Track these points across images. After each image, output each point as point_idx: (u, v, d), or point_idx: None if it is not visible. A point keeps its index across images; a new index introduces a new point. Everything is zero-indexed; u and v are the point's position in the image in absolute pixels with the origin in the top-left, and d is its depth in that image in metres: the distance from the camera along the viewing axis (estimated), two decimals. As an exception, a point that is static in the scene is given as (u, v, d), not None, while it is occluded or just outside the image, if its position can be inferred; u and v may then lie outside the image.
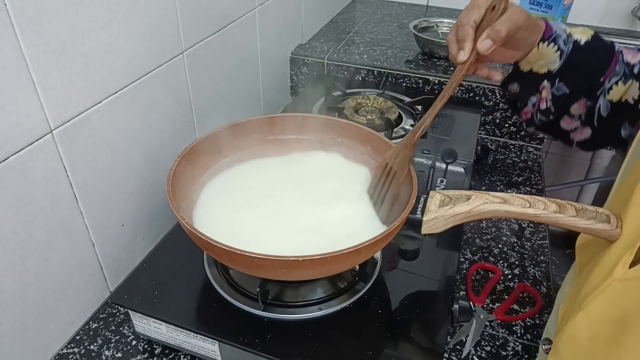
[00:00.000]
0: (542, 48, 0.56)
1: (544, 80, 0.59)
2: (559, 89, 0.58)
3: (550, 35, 0.56)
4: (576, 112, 0.59)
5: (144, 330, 0.58)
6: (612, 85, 0.57)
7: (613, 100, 0.57)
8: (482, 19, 0.53)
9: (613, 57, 0.57)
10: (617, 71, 0.57)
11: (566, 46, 0.56)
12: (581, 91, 0.58)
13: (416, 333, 0.55)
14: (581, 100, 0.58)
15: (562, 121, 0.61)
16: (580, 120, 0.60)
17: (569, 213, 0.47)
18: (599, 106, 0.58)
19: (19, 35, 0.45)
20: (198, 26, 0.73)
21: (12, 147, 0.47)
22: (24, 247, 0.51)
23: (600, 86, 0.57)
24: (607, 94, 0.57)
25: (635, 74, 0.56)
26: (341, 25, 1.33)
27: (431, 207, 0.52)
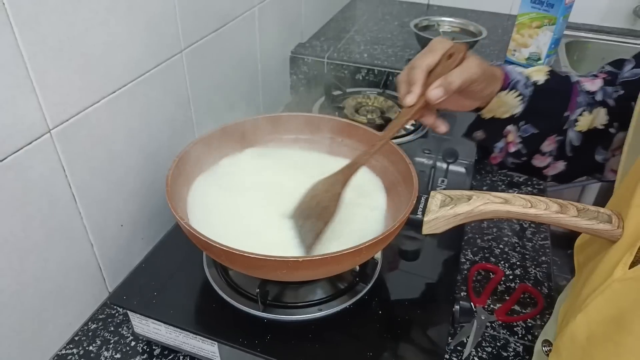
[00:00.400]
0: (502, 96, 0.56)
1: (509, 125, 0.58)
2: (525, 130, 0.58)
3: (509, 83, 0.56)
4: (547, 149, 0.59)
5: (143, 331, 0.58)
6: (576, 117, 0.57)
7: (582, 130, 0.57)
8: (437, 65, 0.51)
9: (572, 90, 0.57)
10: (580, 102, 0.57)
11: (527, 89, 0.56)
12: (549, 129, 0.58)
13: (417, 334, 0.55)
14: (551, 137, 0.58)
15: (534, 160, 0.61)
16: (552, 156, 0.60)
17: (571, 213, 0.47)
18: (569, 139, 0.58)
19: (16, 34, 0.45)
20: (197, 25, 0.73)
21: (9, 147, 0.47)
22: (21, 247, 0.51)
23: (566, 120, 0.57)
24: (574, 126, 0.57)
25: (598, 101, 0.57)
26: (341, 24, 1.32)
27: (432, 207, 0.52)
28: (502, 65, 0.57)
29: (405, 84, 0.52)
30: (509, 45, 1.13)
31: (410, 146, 0.86)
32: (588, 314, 0.41)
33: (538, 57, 1.08)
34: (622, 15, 1.38)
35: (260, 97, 1.01)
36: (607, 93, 0.57)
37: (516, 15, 1.09)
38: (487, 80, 0.53)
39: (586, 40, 1.37)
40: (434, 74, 0.51)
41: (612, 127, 0.57)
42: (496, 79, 0.55)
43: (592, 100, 0.57)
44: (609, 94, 0.57)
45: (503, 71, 0.56)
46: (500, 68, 0.56)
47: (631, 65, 0.56)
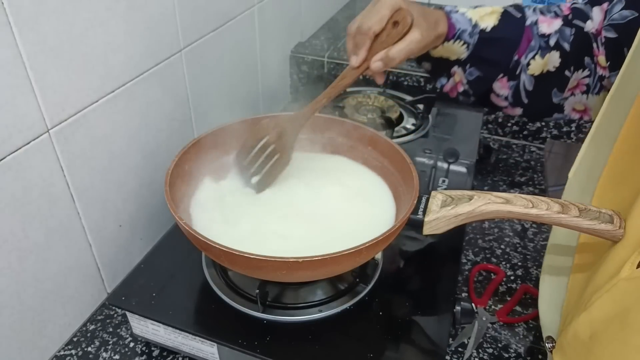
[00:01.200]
0: (448, 45, 0.57)
1: (454, 66, 0.59)
2: (471, 73, 0.58)
3: (454, 34, 0.56)
4: (501, 92, 0.59)
5: (142, 332, 0.58)
6: (529, 60, 0.57)
7: (534, 74, 0.57)
8: (383, 31, 0.53)
9: (523, 35, 0.56)
10: (532, 46, 0.56)
11: (472, 38, 0.57)
12: (495, 73, 0.58)
13: (417, 335, 0.55)
14: (503, 79, 0.58)
15: (492, 97, 0.61)
16: (507, 101, 0.60)
17: (572, 213, 0.46)
18: (523, 83, 0.58)
19: (16, 34, 0.45)
20: (196, 24, 0.72)
21: (8, 147, 0.47)
22: (20, 247, 0.51)
23: (518, 64, 0.57)
24: (526, 70, 0.57)
25: (551, 46, 0.56)
26: (341, 23, 1.32)
27: (433, 207, 0.51)
28: (449, 13, 0.57)
29: (352, 43, 0.55)
30: (509, 45, 1.12)
31: (411, 146, 0.86)
32: (591, 312, 0.41)
33: (539, 57, 1.08)
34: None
35: (260, 96, 1.00)
36: (564, 35, 0.56)
37: (517, 14, 1.08)
38: (429, 46, 0.55)
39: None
40: (378, 40, 0.53)
41: (567, 69, 0.57)
42: (440, 37, 0.56)
43: (546, 44, 0.56)
44: (565, 36, 0.56)
45: (449, 22, 0.56)
46: (445, 19, 0.56)
47: (620, 6, 0.54)
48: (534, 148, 1.01)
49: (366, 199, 0.62)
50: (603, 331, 0.40)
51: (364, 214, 0.60)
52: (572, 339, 0.43)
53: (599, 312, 0.40)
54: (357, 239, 0.47)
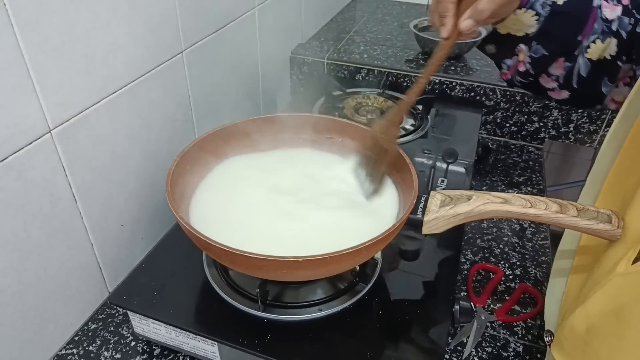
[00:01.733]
0: (520, 14, 0.55)
1: (521, 43, 0.58)
2: (536, 51, 0.57)
3: (528, 2, 0.55)
4: (555, 72, 0.59)
5: (143, 331, 0.58)
6: (589, 43, 0.56)
7: (592, 58, 0.56)
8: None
9: (590, 15, 0.56)
10: (596, 29, 0.56)
11: (544, 9, 0.55)
12: (559, 52, 0.57)
13: (417, 334, 0.55)
14: (559, 60, 0.57)
15: (541, 79, 0.60)
16: (558, 82, 0.59)
17: (571, 213, 0.47)
18: (578, 67, 0.57)
19: (18, 35, 0.45)
20: (198, 25, 0.73)
21: (10, 147, 0.47)
22: (22, 247, 0.51)
23: (578, 45, 0.56)
24: (585, 53, 0.56)
25: (613, 31, 0.56)
26: (341, 25, 1.32)
27: (432, 207, 0.52)
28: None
29: (436, 15, 0.53)
30: (508, 46, 1.12)
31: (410, 146, 0.87)
32: (587, 307, 0.42)
33: (538, 58, 1.08)
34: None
35: (261, 97, 1.01)
36: (623, 24, 0.56)
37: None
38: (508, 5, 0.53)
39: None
40: (462, 4, 0.52)
41: (619, 59, 0.56)
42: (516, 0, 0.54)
43: (608, 29, 0.56)
44: (624, 25, 0.56)
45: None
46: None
47: None
48: (532, 148, 1.02)
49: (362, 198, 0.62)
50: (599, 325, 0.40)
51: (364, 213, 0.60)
52: (569, 332, 0.43)
53: (595, 307, 0.41)
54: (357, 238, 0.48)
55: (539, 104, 0.99)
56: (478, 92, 1.01)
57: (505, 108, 1.01)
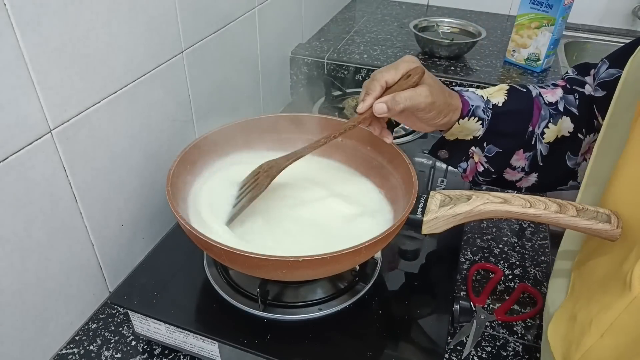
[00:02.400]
0: (463, 123, 0.57)
1: (472, 146, 0.60)
2: (489, 150, 0.59)
3: (469, 110, 0.57)
4: (518, 165, 0.60)
5: (144, 330, 0.58)
6: (542, 130, 0.58)
7: (550, 141, 0.58)
8: (396, 83, 0.53)
9: (534, 105, 0.58)
10: (544, 115, 0.58)
11: (486, 114, 0.57)
12: (513, 147, 0.59)
13: (416, 333, 0.55)
14: (519, 152, 0.59)
15: (506, 174, 0.62)
16: (524, 172, 0.61)
17: (570, 213, 0.47)
18: (539, 151, 0.59)
19: (18, 35, 0.45)
20: (198, 25, 0.73)
21: (11, 147, 0.47)
22: (23, 247, 0.51)
23: (533, 134, 0.58)
24: (541, 139, 0.58)
25: (561, 111, 0.58)
26: (341, 25, 1.32)
27: (432, 207, 0.52)
28: (460, 92, 0.58)
29: (363, 91, 0.54)
30: (508, 46, 1.13)
31: (410, 146, 0.87)
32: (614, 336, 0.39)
33: (537, 58, 1.08)
34: (621, 15, 1.39)
35: (261, 97, 1.01)
36: (569, 101, 0.58)
37: (515, 16, 1.09)
38: (439, 111, 0.54)
39: (585, 41, 1.38)
40: (390, 90, 0.53)
41: (580, 132, 0.58)
42: (453, 108, 0.56)
43: (556, 110, 0.58)
44: (570, 102, 0.58)
45: (462, 99, 0.57)
46: (459, 96, 0.57)
47: (605, 67, 0.57)
48: (532, 148, 1.02)
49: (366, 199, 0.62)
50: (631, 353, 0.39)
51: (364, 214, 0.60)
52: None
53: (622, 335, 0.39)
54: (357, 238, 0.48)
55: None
56: (478, 92, 1.01)
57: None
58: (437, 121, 0.55)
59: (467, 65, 1.10)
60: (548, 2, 1.03)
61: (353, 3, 1.51)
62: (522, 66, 1.11)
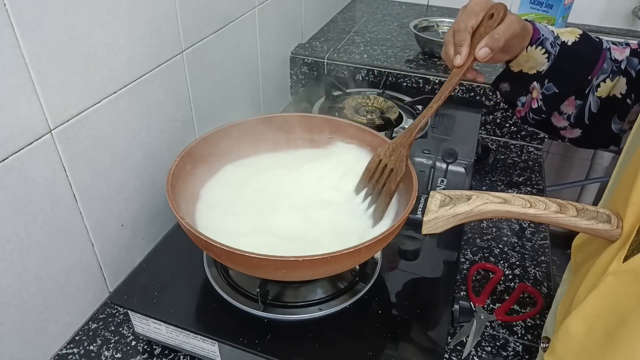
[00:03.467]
0: (531, 51, 0.57)
1: (534, 81, 0.60)
2: (548, 89, 0.59)
3: (538, 39, 0.57)
4: (566, 111, 0.60)
5: (144, 330, 0.58)
6: (599, 82, 0.58)
7: (602, 96, 0.58)
8: (480, 25, 0.53)
9: (600, 56, 0.58)
10: (605, 69, 0.58)
11: (553, 48, 0.57)
12: (569, 91, 0.59)
13: (416, 333, 0.55)
14: (570, 98, 0.59)
15: (553, 117, 0.62)
16: (569, 121, 0.61)
17: (570, 213, 0.47)
18: (589, 105, 0.59)
19: (18, 35, 0.45)
20: (198, 26, 0.73)
21: (11, 147, 0.47)
22: (23, 247, 0.51)
23: (589, 84, 0.58)
24: (595, 91, 0.58)
25: (622, 69, 0.58)
26: (341, 25, 1.32)
27: (432, 207, 0.52)
28: (533, 21, 0.58)
29: (451, 45, 0.55)
30: (508, 46, 1.13)
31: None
32: (583, 309, 0.42)
33: (537, 58, 1.08)
34: (620, 15, 1.39)
35: (261, 97, 1.01)
36: (632, 63, 0.58)
37: (515, 16, 1.09)
38: (523, 34, 0.55)
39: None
40: (477, 33, 0.54)
41: (629, 98, 0.58)
42: (528, 32, 0.56)
43: (617, 68, 0.58)
44: (633, 64, 0.58)
45: (533, 26, 0.57)
46: (532, 23, 0.57)
47: None
48: (531, 148, 1.02)
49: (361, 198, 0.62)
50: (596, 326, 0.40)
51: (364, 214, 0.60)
52: (563, 336, 0.44)
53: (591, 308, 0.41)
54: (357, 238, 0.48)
55: (538, 104, 0.99)
56: (478, 92, 1.01)
57: (505, 108, 1.01)
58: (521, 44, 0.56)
59: (467, 65, 1.10)
60: (548, 2, 1.03)
61: (353, 3, 1.51)
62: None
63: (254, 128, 0.68)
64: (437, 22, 1.24)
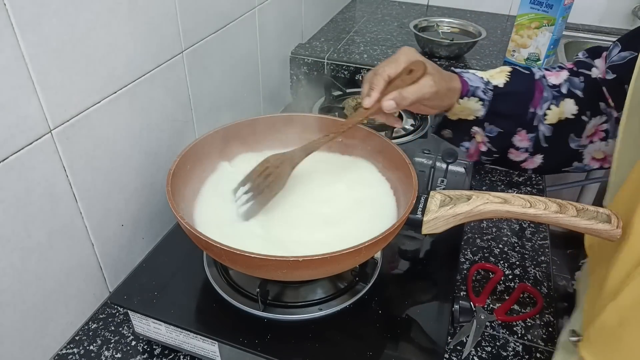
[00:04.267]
0: (463, 102, 0.59)
1: (473, 126, 0.61)
2: (491, 131, 0.60)
3: (467, 91, 0.58)
4: (521, 145, 0.61)
5: (144, 330, 0.58)
6: (545, 111, 0.59)
7: (552, 122, 0.59)
8: (398, 76, 0.55)
9: (535, 88, 0.59)
10: (546, 97, 0.59)
11: (486, 94, 0.59)
12: (514, 128, 0.60)
13: (416, 333, 0.55)
14: (520, 132, 0.60)
15: (510, 154, 0.63)
16: (528, 152, 0.61)
17: (570, 213, 0.47)
18: (542, 132, 0.60)
19: (18, 35, 0.45)
20: (198, 26, 0.73)
21: (11, 147, 0.47)
22: (23, 247, 0.51)
23: (534, 115, 0.59)
24: (543, 120, 0.59)
25: (565, 93, 0.59)
26: (341, 25, 1.33)
27: (432, 207, 0.52)
28: (460, 73, 0.60)
29: (367, 85, 0.56)
30: (508, 46, 1.13)
31: (410, 146, 0.87)
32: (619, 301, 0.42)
33: (537, 58, 1.08)
34: (620, 15, 1.39)
35: (261, 97, 1.01)
36: (574, 84, 0.59)
37: (515, 16, 1.09)
38: (442, 97, 0.56)
39: (585, 41, 1.38)
40: (393, 84, 0.55)
41: (584, 115, 0.59)
42: (453, 92, 0.58)
43: (558, 93, 0.59)
44: (575, 84, 0.59)
45: (461, 80, 0.59)
46: (459, 77, 0.59)
47: (618, 49, 0.57)
48: (532, 148, 1.02)
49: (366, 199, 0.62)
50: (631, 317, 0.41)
51: (364, 213, 0.60)
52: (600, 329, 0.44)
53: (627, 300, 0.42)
54: (357, 238, 0.48)
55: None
56: (478, 92, 1.01)
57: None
58: (440, 105, 0.57)
59: (467, 66, 1.10)
60: (548, 2, 1.03)
61: (353, 3, 1.51)
62: (522, 66, 1.11)
63: (254, 128, 0.68)
64: (437, 22, 1.24)
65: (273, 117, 0.69)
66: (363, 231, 0.55)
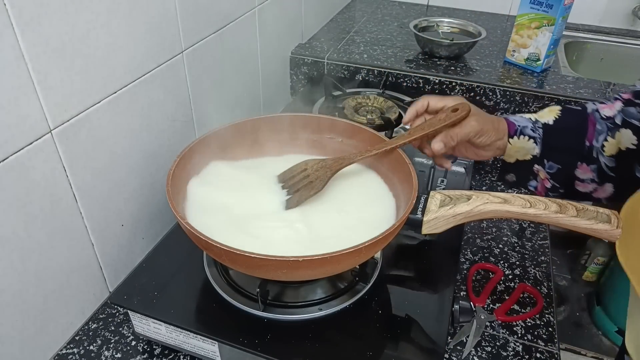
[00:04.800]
0: (514, 142, 0.60)
1: (534, 164, 0.61)
2: (551, 167, 0.60)
3: (515, 130, 0.59)
4: (585, 177, 0.60)
5: (144, 330, 0.58)
6: (602, 143, 0.58)
7: (612, 154, 0.58)
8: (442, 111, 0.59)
9: (588, 122, 0.59)
10: (600, 129, 0.58)
11: (536, 132, 0.59)
12: (573, 161, 0.59)
13: (416, 333, 0.55)
14: (581, 166, 0.59)
15: (577, 186, 0.62)
16: (595, 182, 0.60)
17: (570, 213, 0.47)
18: (604, 164, 0.59)
19: (18, 35, 0.45)
20: (198, 26, 0.73)
21: (11, 147, 0.47)
22: (23, 247, 0.51)
23: (592, 148, 0.58)
24: (602, 152, 0.58)
25: (619, 124, 0.58)
26: (341, 25, 1.33)
27: (432, 207, 0.52)
28: (506, 117, 0.61)
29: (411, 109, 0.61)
30: (508, 46, 1.13)
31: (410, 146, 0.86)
32: None
33: (537, 58, 1.08)
34: (620, 15, 1.39)
35: (261, 97, 1.01)
36: (629, 114, 0.58)
37: (515, 16, 1.09)
38: (490, 133, 0.58)
39: (585, 41, 1.38)
40: (437, 117, 0.59)
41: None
42: (500, 131, 0.59)
43: (612, 124, 0.58)
44: (631, 114, 0.57)
45: (507, 121, 0.60)
46: (505, 119, 0.60)
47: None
48: (532, 148, 1.02)
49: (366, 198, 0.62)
50: None
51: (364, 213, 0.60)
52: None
53: None
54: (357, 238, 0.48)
55: (538, 104, 0.99)
56: (478, 92, 1.01)
57: (505, 108, 1.01)
58: (491, 144, 0.59)
59: (467, 65, 1.10)
60: (548, 2, 1.03)
61: (353, 3, 1.51)
62: (522, 66, 1.11)
63: (254, 128, 0.68)
64: (437, 22, 1.24)
65: (273, 116, 0.69)
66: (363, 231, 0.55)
